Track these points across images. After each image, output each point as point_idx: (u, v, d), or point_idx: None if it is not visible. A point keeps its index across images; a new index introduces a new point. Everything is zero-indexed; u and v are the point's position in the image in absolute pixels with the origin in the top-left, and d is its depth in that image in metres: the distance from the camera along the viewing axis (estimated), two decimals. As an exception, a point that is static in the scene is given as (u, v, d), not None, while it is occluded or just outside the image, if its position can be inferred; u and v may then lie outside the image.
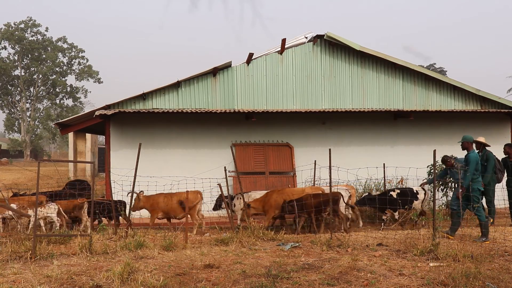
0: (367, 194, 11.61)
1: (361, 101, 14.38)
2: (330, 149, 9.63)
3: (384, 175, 12.69)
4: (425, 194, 11.30)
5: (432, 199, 9.00)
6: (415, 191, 11.26)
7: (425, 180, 11.38)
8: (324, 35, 14.03)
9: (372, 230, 10.32)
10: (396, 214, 11.05)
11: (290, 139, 14.35)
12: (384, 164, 12.72)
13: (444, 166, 11.45)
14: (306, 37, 14.30)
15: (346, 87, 14.35)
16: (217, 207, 11.70)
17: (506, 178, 11.13)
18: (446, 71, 53.31)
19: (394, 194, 11.11)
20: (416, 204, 11.17)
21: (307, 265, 6.85)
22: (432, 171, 12.25)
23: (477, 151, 10.14)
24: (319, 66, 14.24)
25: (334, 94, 14.28)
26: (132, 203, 10.39)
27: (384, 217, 11.01)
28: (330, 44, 14.27)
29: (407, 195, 11.06)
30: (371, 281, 6.00)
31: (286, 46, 13.94)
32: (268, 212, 10.59)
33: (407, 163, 12.14)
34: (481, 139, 10.40)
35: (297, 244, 8.29)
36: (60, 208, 10.07)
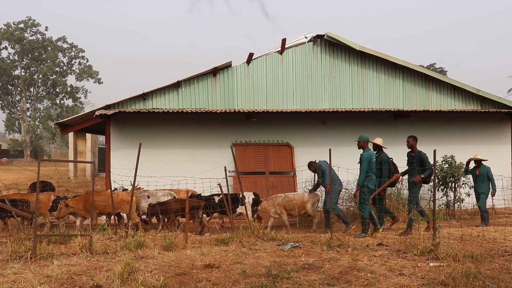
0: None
1: (361, 101, 14.39)
2: (330, 149, 9.64)
3: (384, 175, 12.66)
4: (257, 200, 11.09)
5: (434, 199, 9.00)
6: (241, 197, 10.94)
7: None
8: (324, 35, 14.03)
9: (371, 231, 10.30)
10: (206, 218, 10.75)
11: (290, 139, 14.35)
12: (384, 164, 12.70)
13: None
14: (306, 37, 14.31)
15: (346, 87, 14.35)
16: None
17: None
18: (447, 71, 53.35)
19: (216, 198, 10.84)
20: (242, 209, 10.86)
21: (307, 265, 6.84)
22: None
23: (375, 152, 10.27)
24: (319, 66, 14.24)
25: (334, 94, 14.28)
26: None
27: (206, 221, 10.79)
28: (330, 44, 14.27)
29: (232, 200, 10.64)
30: (371, 281, 6.00)
31: (286, 46, 13.94)
32: (90, 212, 10.56)
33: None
34: (378, 140, 10.41)
35: (297, 244, 8.29)
36: None
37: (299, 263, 6.92)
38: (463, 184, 13.00)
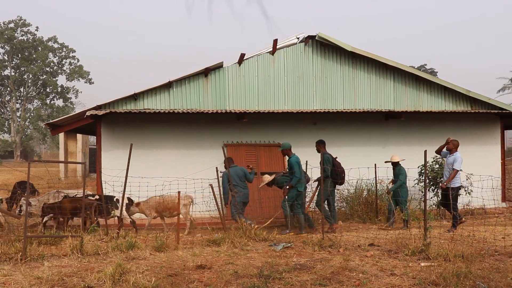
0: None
1: (352, 101, 14.44)
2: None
3: (376, 175, 12.74)
4: (129, 203, 11.09)
5: (425, 199, 9.05)
6: (115, 200, 10.98)
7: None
8: (315, 36, 14.06)
9: (363, 231, 10.35)
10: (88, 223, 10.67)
11: (281, 140, 14.31)
12: (375, 164, 12.78)
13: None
14: (298, 38, 14.32)
15: (337, 88, 14.39)
16: None
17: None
18: (437, 72, 53.73)
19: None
20: (117, 212, 10.73)
21: (299, 265, 6.86)
22: (423, 171, 12.32)
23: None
24: (311, 66, 14.27)
25: (326, 94, 14.32)
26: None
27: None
28: (321, 45, 14.31)
29: (106, 203, 10.61)
30: (363, 281, 6.02)
31: (277, 47, 13.95)
32: None
33: (398, 164, 12.19)
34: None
35: (289, 244, 8.30)
36: None
37: (291, 264, 6.93)
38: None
